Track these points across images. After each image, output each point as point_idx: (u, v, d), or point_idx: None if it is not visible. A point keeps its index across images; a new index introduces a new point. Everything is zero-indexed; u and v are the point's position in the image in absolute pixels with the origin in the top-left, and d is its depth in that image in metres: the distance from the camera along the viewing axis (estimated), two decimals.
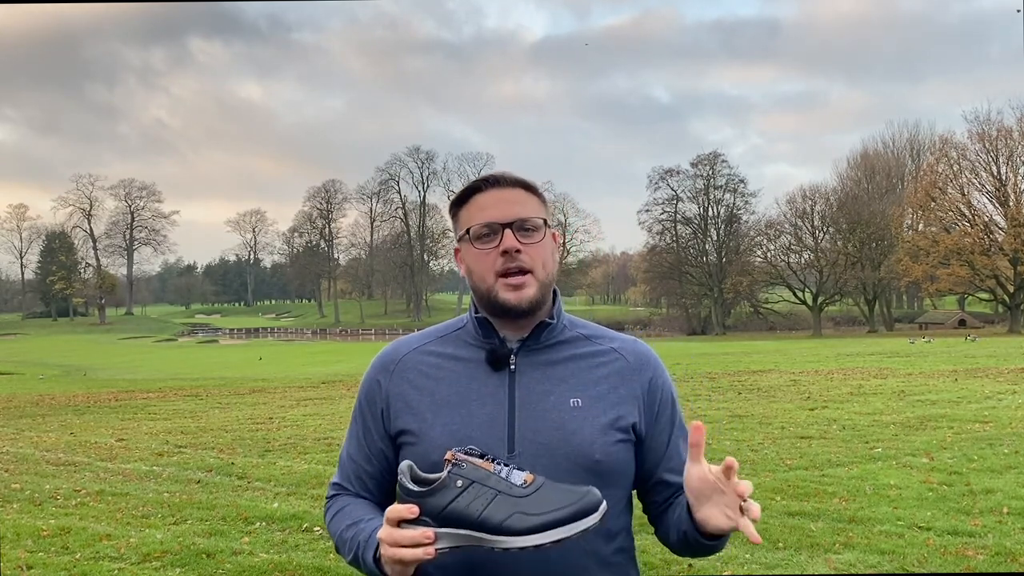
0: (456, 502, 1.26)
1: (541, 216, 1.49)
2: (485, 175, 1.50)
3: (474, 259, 1.47)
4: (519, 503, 1.25)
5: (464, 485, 1.26)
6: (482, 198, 1.48)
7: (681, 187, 75.65)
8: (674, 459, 1.52)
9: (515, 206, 1.47)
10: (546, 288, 1.48)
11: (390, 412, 1.50)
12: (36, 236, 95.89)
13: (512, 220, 1.45)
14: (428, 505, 1.27)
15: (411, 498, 1.28)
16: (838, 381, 17.86)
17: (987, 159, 57.77)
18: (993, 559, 5.30)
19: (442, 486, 1.27)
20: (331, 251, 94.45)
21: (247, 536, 6.25)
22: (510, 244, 1.44)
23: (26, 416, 15.49)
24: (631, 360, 1.52)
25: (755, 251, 72.05)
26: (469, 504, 1.26)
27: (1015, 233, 54.66)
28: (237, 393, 19.36)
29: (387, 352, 1.58)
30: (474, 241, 1.47)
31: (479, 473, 1.27)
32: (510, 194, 1.48)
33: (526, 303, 1.44)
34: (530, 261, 1.45)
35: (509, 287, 1.44)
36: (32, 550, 6.03)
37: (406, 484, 1.30)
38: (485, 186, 1.49)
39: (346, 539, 1.44)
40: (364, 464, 1.54)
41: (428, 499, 1.27)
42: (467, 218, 1.49)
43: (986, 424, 10.86)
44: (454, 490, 1.26)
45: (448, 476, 1.27)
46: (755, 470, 8.23)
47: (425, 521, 1.26)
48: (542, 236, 1.47)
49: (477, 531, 1.26)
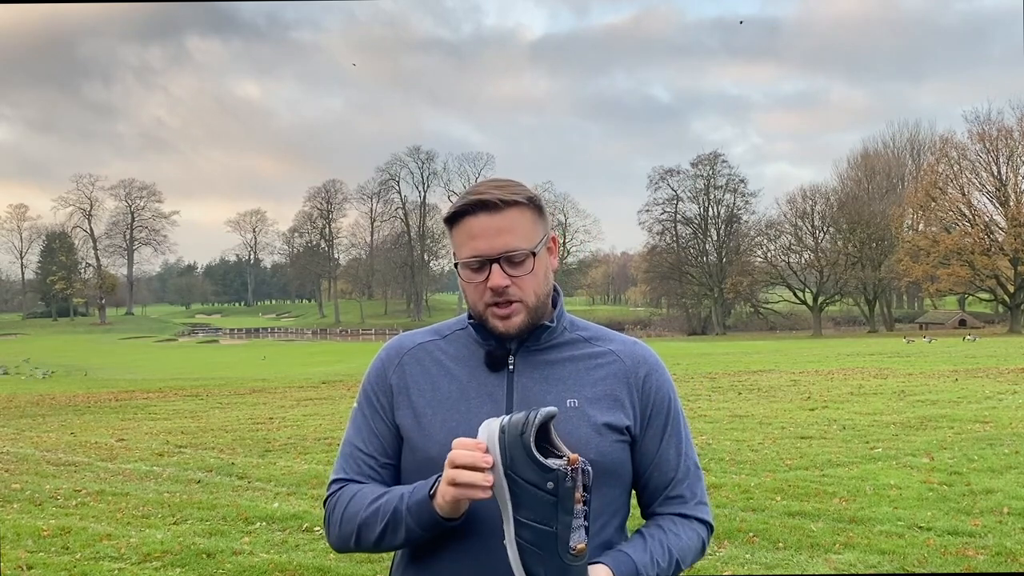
0: (528, 488, 1.20)
1: (533, 243, 1.46)
2: (476, 194, 1.45)
3: (465, 286, 1.48)
4: (554, 558, 1.20)
5: (551, 491, 1.19)
6: (472, 223, 1.44)
7: (681, 187, 75.83)
8: (663, 464, 1.52)
9: (504, 236, 1.43)
10: (539, 310, 1.48)
11: (394, 403, 1.51)
12: (36, 236, 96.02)
13: (499, 254, 1.43)
14: (513, 460, 1.21)
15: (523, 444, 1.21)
16: (838, 381, 17.87)
17: (987, 159, 57.86)
18: (993, 559, 5.30)
19: (542, 468, 1.19)
20: (331, 251, 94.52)
21: (247, 536, 6.25)
22: (496, 283, 1.43)
23: (26, 416, 15.49)
24: (628, 362, 1.52)
25: (755, 251, 72.15)
26: (532, 503, 1.20)
27: (1015, 233, 54.69)
28: (237, 393, 19.37)
29: (392, 344, 1.59)
30: (463, 270, 1.47)
31: (567, 500, 1.19)
32: (500, 221, 1.43)
33: (515, 331, 1.46)
34: (519, 293, 1.45)
35: (498, 317, 1.45)
36: (32, 550, 6.03)
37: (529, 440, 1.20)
38: (474, 210, 1.44)
39: (377, 507, 1.41)
40: (377, 455, 1.51)
41: (522, 459, 1.21)
42: (458, 242, 1.47)
43: (986, 424, 10.86)
44: (541, 480, 1.19)
45: (558, 471, 1.19)
46: (755, 470, 8.23)
47: (506, 458, 1.23)
48: (532, 266, 1.45)
49: (508, 523, 1.24)
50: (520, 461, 1.21)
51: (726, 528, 6.03)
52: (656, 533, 1.48)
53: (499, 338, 1.49)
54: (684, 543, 1.49)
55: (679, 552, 1.47)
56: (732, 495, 7.11)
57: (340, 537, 1.48)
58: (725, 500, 6.90)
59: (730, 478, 7.86)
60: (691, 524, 1.52)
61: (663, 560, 1.44)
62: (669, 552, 1.45)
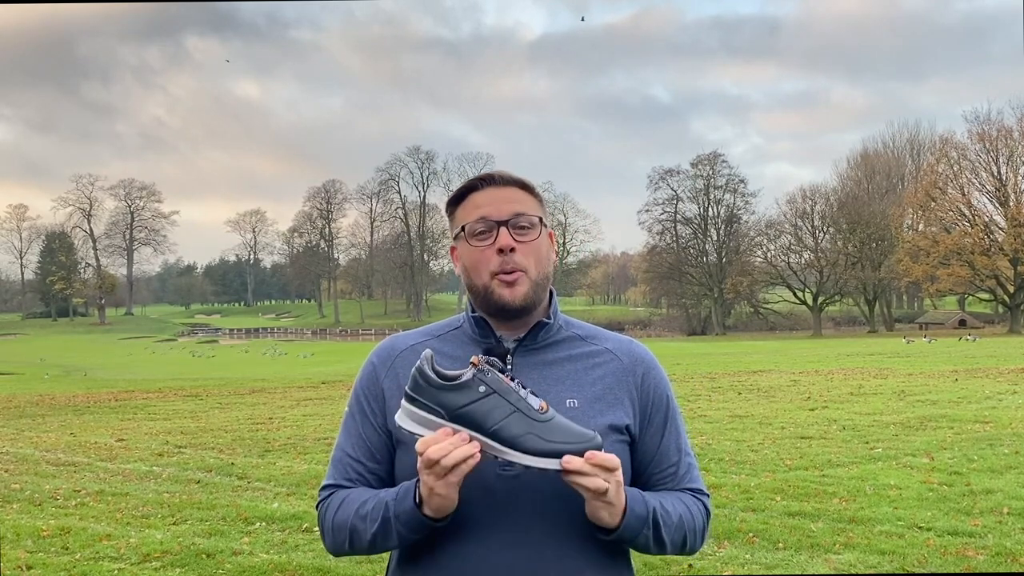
0: (475, 405, 1.26)
1: (537, 214, 1.50)
2: (482, 174, 1.52)
3: (470, 256, 1.48)
4: (534, 426, 1.27)
5: (486, 392, 1.26)
6: (478, 196, 1.49)
7: (681, 187, 75.83)
8: (663, 461, 1.53)
9: (511, 204, 1.48)
10: (540, 287, 1.48)
11: (386, 406, 1.50)
12: (36, 236, 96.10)
13: (508, 217, 1.46)
14: (446, 399, 1.27)
15: (430, 387, 1.28)
16: (838, 381, 17.87)
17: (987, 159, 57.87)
18: (993, 559, 5.30)
19: (465, 386, 1.26)
20: (331, 251, 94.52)
21: (247, 536, 6.25)
22: (505, 242, 1.45)
23: (26, 416, 15.48)
24: (625, 361, 1.52)
25: (755, 251, 72.15)
26: (488, 411, 1.26)
27: (1015, 233, 54.69)
28: (237, 393, 19.36)
29: (384, 346, 1.58)
30: (470, 238, 1.47)
31: (502, 385, 1.27)
32: (507, 192, 1.49)
33: (519, 300, 1.45)
34: (524, 260, 1.46)
35: (504, 284, 1.45)
36: (32, 550, 6.03)
37: (427, 371, 1.29)
38: (482, 184, 1.50)
39: (364, 513, 1.41)
40: (366, 461, 1.51)
41: (447, 394, 1.27)
42: (463, 216, 1.50)
43: (986, 424, 10.86)
44: (475, 393, 1.26)
45: (473, 379, 1.27)
46: (755, 470, 8.23)
47: (439, 412, 1.27)
48: (537, 234, 1.48)
49: (490, 439, 1.27)
50: (449, 400, 1.27)
51: (726, 528, 6.02)
52: (662, 491, 1.50)
53: (498, 338, 1.49)
54: (688, 503, 1.50)
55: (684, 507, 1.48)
56: (732, 495, 7.11)
57: (334, 544, 1.49)
58: (725, 500, 6.89)
59: (730, 478, 7.85)
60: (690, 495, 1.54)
61: (671, 507, 1.45)
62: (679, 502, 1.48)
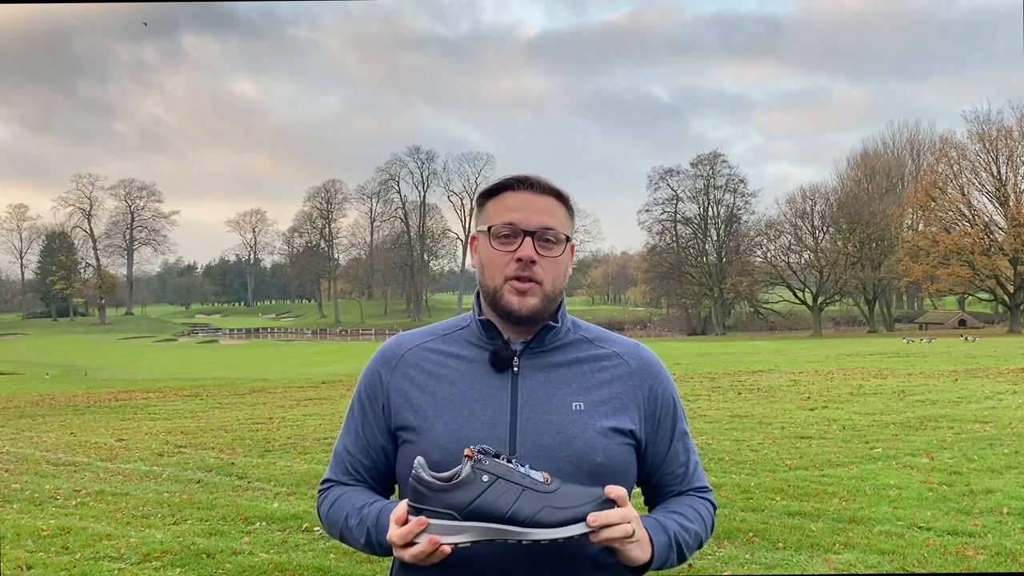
0: (483, 497, 1.28)
1: (566, 231, 1.49)
2: (521, 175, 1.48)
3: (488, 256, 1.47)
4: (547, 498, 1.29)
5: (490, 480, 1.28)
6: (512, 198, 1.47)
7: (681, 187, 75.76)
8: (672, 463, 1.55)
9: (542, 214, 1.46)
10: (552, 300, 1.47)
11: (391, 407, 1.50)
12: (36, 236, 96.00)
13: (535, 229, 1.45)
14: (453, 499, 1.28)
15: (433, 492, 1.29)
16: (838, 381, 17.87)
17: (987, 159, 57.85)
18: (993, 559, 5.30)
19: (468, 481, 1.28)
20: (331, 251, 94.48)
21: (247, 536, 6.25)
22: (527, 254, 1.43)
23: (26, 416, 15.48)
24: (633, 366, 1.53)
25: (755, 251, 72.11)
26: (498, 499, 1.28)
27: (1015, 233, 54.67)
28: (237, 393, 19.35)
29: (389, 346, 1.57)
30: (493, 239, 1.46)
31: (502, 469, 1.29)
32: (541, 201, 1.47)
33: (527, 311, 1.44)
34: (542, 274, 1.45)
35: (515, 291, 1.44)
36: (32, 550, 6.03)
37: (426, 478, 1.30)
38: (518, 186, 1.47)
39: (352, 526, 1.45)
40: (362, 458, 1.54)
41: (453, 493, 1.28)
42: (493, 213, 1.48)
43: (986, 424, 10.86)
44: (480, 485, 1.28)
45: (473, 471, 1.29)
46: (755, 470, 8.24)
47: (451, 514, 1.28)
48: (561, 251, 1.47)
49: (507, 524, 1.28)
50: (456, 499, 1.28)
51: (726, 528, 6.02)
52: (672, 503, 1.54)
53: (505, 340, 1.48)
54: (698, 507, 1.54)
55: (695, 513, 1.52)
56: (732, 495, 7.11)
57: (331, 536, 1.55)
58: (725, 500, 6.89)
59: (730, 478, 7.86)
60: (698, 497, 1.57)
61: (687, 522, 1.48)
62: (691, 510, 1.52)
